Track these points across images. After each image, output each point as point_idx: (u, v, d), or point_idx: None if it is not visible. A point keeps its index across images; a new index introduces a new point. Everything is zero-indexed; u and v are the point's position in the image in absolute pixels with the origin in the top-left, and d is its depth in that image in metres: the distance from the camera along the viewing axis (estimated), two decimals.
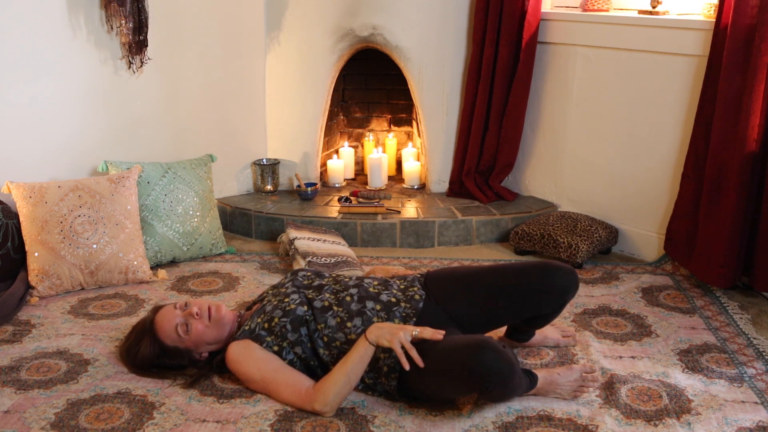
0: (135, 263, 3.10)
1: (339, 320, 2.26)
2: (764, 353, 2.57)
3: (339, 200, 3.82)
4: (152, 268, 3.23)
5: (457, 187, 3.97)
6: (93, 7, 3.31)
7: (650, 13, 3.31)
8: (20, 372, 2.40)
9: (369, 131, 4.46)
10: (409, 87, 3.93)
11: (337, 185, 4.16)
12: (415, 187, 4.11)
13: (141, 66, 3.47)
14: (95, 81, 3.38)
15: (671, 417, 2.18)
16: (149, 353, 2.34)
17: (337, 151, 4.33)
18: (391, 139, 4.38)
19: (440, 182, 4.03)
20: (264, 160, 4.04)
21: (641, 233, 3.50)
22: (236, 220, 3.81)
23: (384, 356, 2.17)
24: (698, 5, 3.29)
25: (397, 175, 4.33)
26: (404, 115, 4.45)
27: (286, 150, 4.06)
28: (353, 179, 4.31)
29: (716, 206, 2.97)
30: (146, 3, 3.38)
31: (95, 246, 3.03)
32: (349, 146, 4.32)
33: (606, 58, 3.48)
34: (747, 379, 2.40)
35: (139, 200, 3.22)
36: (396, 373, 2.16)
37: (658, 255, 3.42)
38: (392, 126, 4.49)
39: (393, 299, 2.31)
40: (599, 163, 3.62)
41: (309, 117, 3.99)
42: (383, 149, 4.30)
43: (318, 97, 3.96)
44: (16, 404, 2.22)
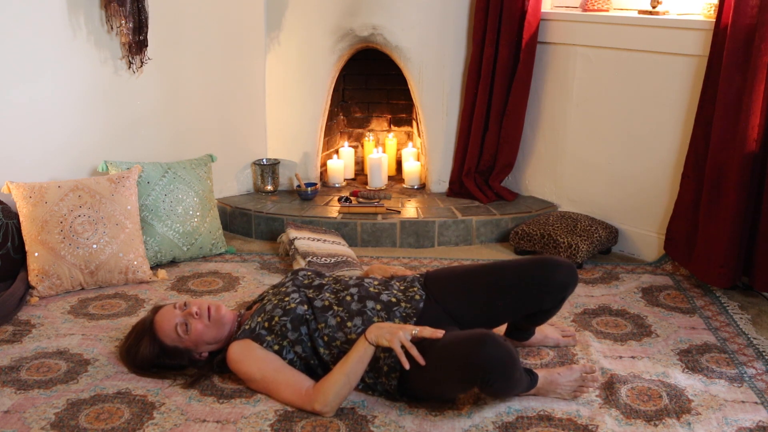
0: (135, 263, 3.10)
1: (339, 320, 2.26)
2: (764, 353, 2.57)
3: (339, 200, 3.82)
4: (152, 268, 3.23)
5: (457, 187, 3.96)
6: (93, 7, 3.31)
7: (650, 13, 3.31)
8: (20, 372, 2.40)
9: (369, 131, 4.46)
10: (409, 87, 3.93)
11: (337, 185, 4.16)
12: (415, 187, 4.11)
13: (141, 66, 3.47)
14: (95, 81, 3.38)
15: (671, 417, 2.18)
16: (149, 353, 2.34)
17: (337, 151, 4.33)
18: (391, 139, 4.38)
19: (440, 182, 4.03)
20: (264, 160, 4.04)
21: (641, 233, 3.50)
22: (236, 220, 3.81)
23: (384, 356, 2.17)
24: (698, 5, 3.29)
25: (397, 175, 4.33)
26: (404, 115, 4.45)
27: (286, 150, 4.06)
28: (353, 179, 4.31)
29: (716, 206, 2.97)
30: (146, 3, 3.38)
31: (95, 246, 3.03)
32: (349, 146, 4.32)
33: (606, 58, 3.48)
34: (747, 379, 2.40)
35: (139, 200, 3.22)
36: (396, 373, 2.16)
37: (658, 255, 3.42)
38: (392, 126, 4.48)
39: (393, 299, 2.31)
40: (599, 163, 3.62)
41: (309, 117, 3.99)
42: (383, 149, 4.30)
43: (318, 97, 3.96)
44: (16, 404, 2.22)
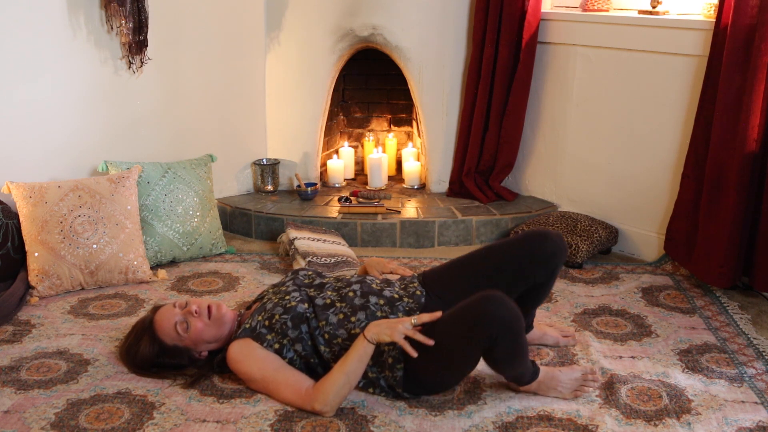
0: (135, 263, 3.10)
1: (342, 316, 2.26)
2: (764, 353, 2.57)
3: (339, 200, 3.82)
4: (152, 268, 3.23)
5: (457, 187, 3.96)
6: (93, 7, 3.31)
7: (650, 13, 3.31)
8: (20, 372, 2.40)
9: (369, 131, 4.46)
10: (409, 87, 3.93)
11: (337, 185, 4.16)
12: (415, 187, 4.11)
13: (141, 66, 3.47)
14: (95, 81, 3.38)
15: (671, 417, 2.18)
16: (149, 352, 2.34)
17: (337, 151, 4.33)
18: (391, 139, 4.38)
19: (440, 182, 4.03)
20: (264, 160, 4.04)
21: (641, 233, 3.50)
22: (236, 220, 3.81)
23: (388, 348, 2.18)
24: (698, 5, 3.29)
25: (397, 175, 4.33)
26: (404, 115, 4.45)
27: (286, 150, 4.06)
28: (353, 179, 4.31)
29: (716, 206, 2.97)
30: (146, 3, 3.38)
31: (95, 246, 3.03)
32: (349, 146, 4.32)
33: (606, 58, 3.48)
34: (747, 379, 2.40)
35: (139, 200, 3.22)
36: (402, 363, 2.17)
37: (658, 255, 3.42)
38: (392, 126, 4.48)
39: (396, 295, 2.34)
40: (599, 163, 3.61)
41: (309, 117, 3.99)
42: (383, 149, 4.30)
43: (318, 97, 3.96)
44: (16, 404, 2.22)
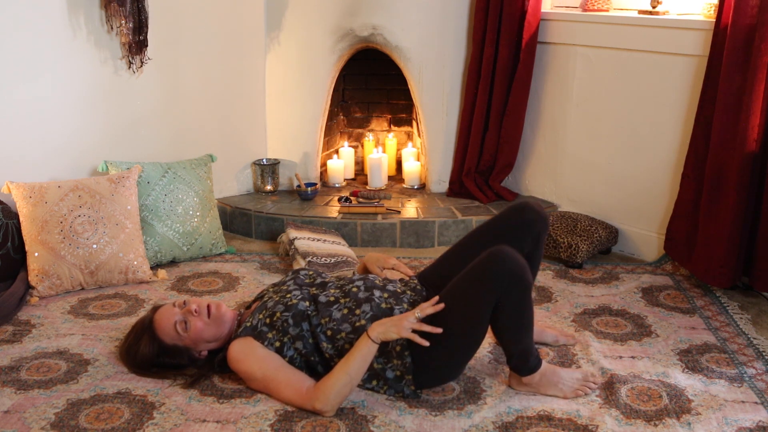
0: (135, 263, 3.10)
1: (346, 311, 2.27)
2: (764, 353, 2.57)
3: (339, 200, 3.82)
4: (152, 268, 3.23)
5: (457, 187, 3.96)
6: (93, 7, 3.31)
7: (650, 13, 3.31)
8: (20, 372, 2.40)
9: (369, 131, 4.46)
10: (409, 87, 3.93)
11: (337, 185, 4.16)
12: (415, 187, 4.11)
13: (141, 66, 3.47)
14: (95, 81, 3.38)
15: (671, 417, 2.18)
16: (148, 352, 2.34)
17: (337, 151, 4.33)
18: (391, 139, 4.38)
19: (440, 182, 4.03)
20: (264, 160, 4.04)
21: (641, 233, 3.50)
22: (236, 220, 3.81)
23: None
24: (698, 5, 3.29)
25: (397, 175, 4.32)
26: (404, 115, 4.45)
27: (286, 150, 4.06)
28: (353, 179, 4.31)
29: (716, 206, 2.97)
30: (146, 3, 3.38)
31: (95, 246, 3.03)
32: (349, 146, 4.32)
33: (606, 58, 3.48)
34: (747, 379, 2.40)
35: (139, 200, 3.22)
36: (408, 350, 2.20)
37: (658, 255, 3.42)
38: (392, 126, 4.48)
39: (398, 289, 2.38)
40: (599, 163, 3.61)
41: (309, 117, 3.99)
42: (383, 149, 4.29)
43: (318, 97, 3.96)
44: (16, 404, 2.22)
